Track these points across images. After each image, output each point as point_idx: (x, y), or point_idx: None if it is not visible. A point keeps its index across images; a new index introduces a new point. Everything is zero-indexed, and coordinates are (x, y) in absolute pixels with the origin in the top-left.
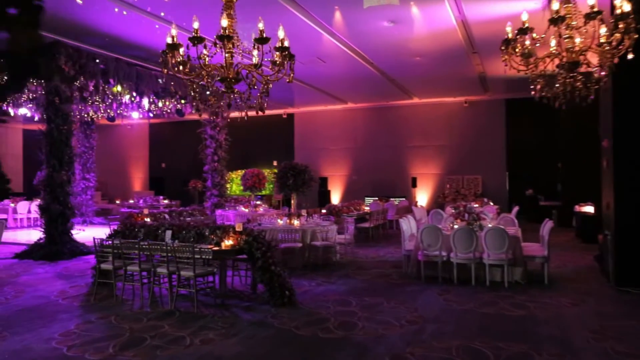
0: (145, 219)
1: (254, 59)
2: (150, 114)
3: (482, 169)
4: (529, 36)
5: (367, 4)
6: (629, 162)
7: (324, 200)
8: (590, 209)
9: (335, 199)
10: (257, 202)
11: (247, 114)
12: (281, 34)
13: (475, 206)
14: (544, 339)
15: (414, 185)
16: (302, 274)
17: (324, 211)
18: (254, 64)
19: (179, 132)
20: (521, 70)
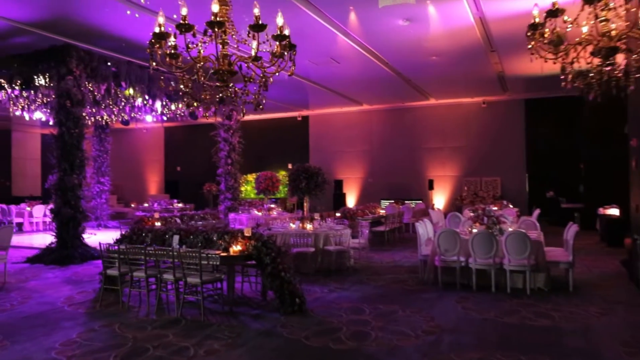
0: (155, 223)
1: (253, 51)
2: (163, 117)
3: (500, 171)
4: (559, 19)
5: (382, 3)
6: None
7: (339, 203)
8: (615, 212)
9: (350, 201)
10: (271, 206)
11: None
12: (280, 20)
13: (494, 209)
14: (571, 352)
15: (431, 187)
16: (314, 280)
17: (338, 214)
18: (251, 56)
19: (194, 135)
20: (549, 59)
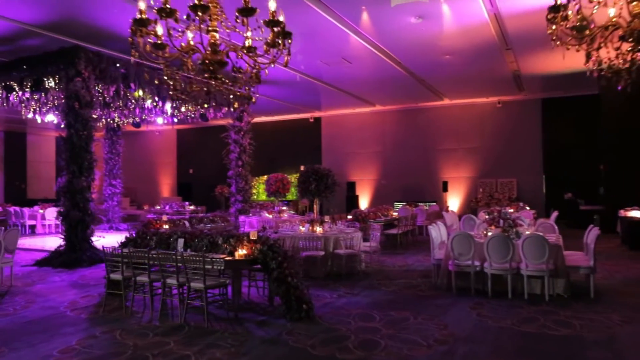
0: (163, 226)
1: (247, 41)
2: (174, 119)
3: (517, 172)
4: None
5: (394, 3)
6: None
7: (351, 205)
8: (637, 214)
9: (363, 204)
10: (282, 208)
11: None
12: (272, 4)
13: (510, 211)
14: None
15: (445, 189)
16: (324, 285)
17: (349, 217)
18: (246, 47)
19: (206, 137)
20: (572, 45)
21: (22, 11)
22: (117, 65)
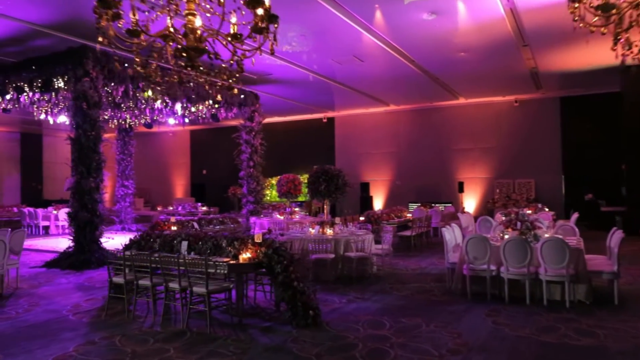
0: (171, 227)
1: (232, 28)
2: (185, 120)
3: (535, 172)
4: None
5: (407, 0)
6: None
7: (365, 206)
8: None
9: (377, 204)
10: (295, 209)
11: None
12: None
13: (528, 212)
14: None
15: (461, 190)
16: (333, 289)
17: (362, 218)
18: (230, 34)
19: (220, 138)
20: (595, 27)
21: (30, 11)
22: (126, 65)
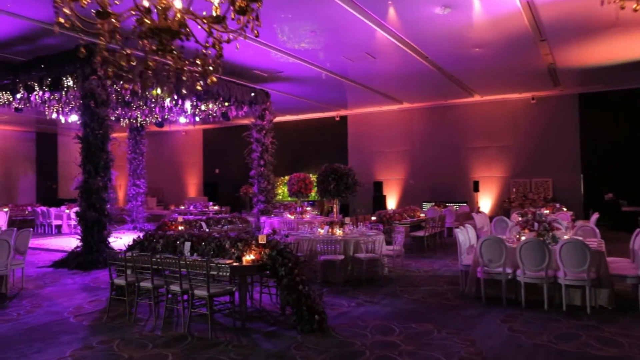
0: (179, 227)
1: (215, 10)
2: (195, 118)
3: (552, 171)
4: None
5: None
6: None
7: (378, 205)
8: None
9: (391, 204)
10: (306, 209)
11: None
12: None
13: (545, 212)
14: None
15: (476, 189)
16: (342, 291)
17: (373, 218)
18: (213, 17)
19: (232, 137)
20: (626, 3)
21: (39, 9)
22: (133, 63)
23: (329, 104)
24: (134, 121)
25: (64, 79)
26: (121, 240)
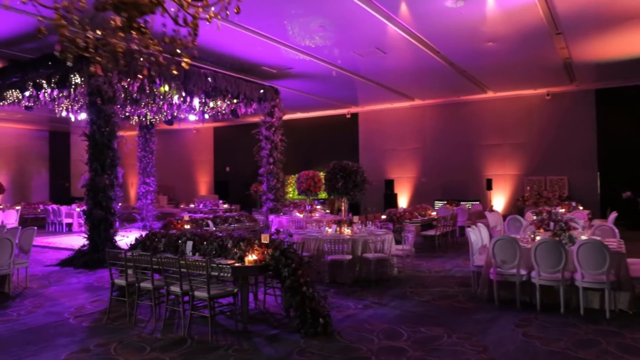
0: (184, 226)
1: None
2: (204, 115)
3: (568, 169)
4: None
5: None
6: None
7: (389, 204)
8: None
9: (402, 202)
10: (316, 207)
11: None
12: None
13: (561, 211)
14: None
15: (489, 187)
16: (350, 292)
17: (383, 217)
18: None
19: (243, 135)
20: None
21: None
22: (141, 59)
23: (339, 101)
24: (144, 119)
25: (72, 76)
26: (127, 238)
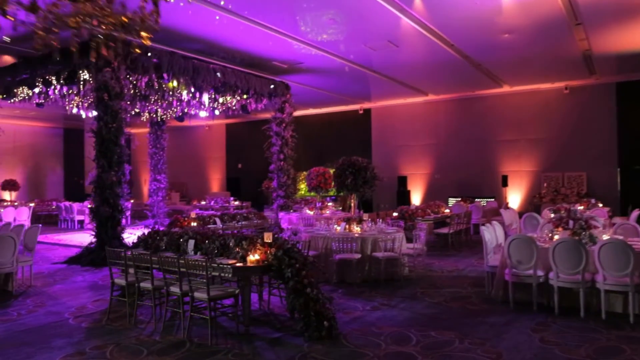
0: (191, 223)
1: None
2: (215, 112)
3: (586, 165)
4: None
5: None
6: None
7: (402, 201)
8: None
9: (416, 199)
10: (327, 204)
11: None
12: None
13: (579, 208)
14: None
15: (505, 184)
16: (358, 293)
17: (395, 214)
18: None
19: (255, 131)
20: None
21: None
22: (149, 54)
23: (352, 96)
24: (154, 115)
25: (80, 72)
26: (135, 236)
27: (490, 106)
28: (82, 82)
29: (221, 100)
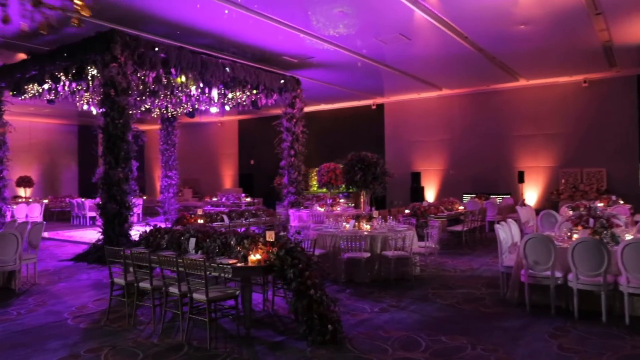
0: (198, 220)
1: None
2: (225, 107)
3: (606, 161)
4: None
5: None
6: None
7: (416, 197)
8: None
9: (430, 196)
10: (339, 200)
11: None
12: None
13: (599, 205)
14: None
15: (521, 180)
16: (367, 293)
17: (407, 211)
18: None
19: (267, 127)
20: None
21: None
22: (156, 49)
23: (364, 91)
24: (165, 112)
25: (88, 67)
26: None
27: (506, 100)
28: (90, 78)
29: (230, 95)
